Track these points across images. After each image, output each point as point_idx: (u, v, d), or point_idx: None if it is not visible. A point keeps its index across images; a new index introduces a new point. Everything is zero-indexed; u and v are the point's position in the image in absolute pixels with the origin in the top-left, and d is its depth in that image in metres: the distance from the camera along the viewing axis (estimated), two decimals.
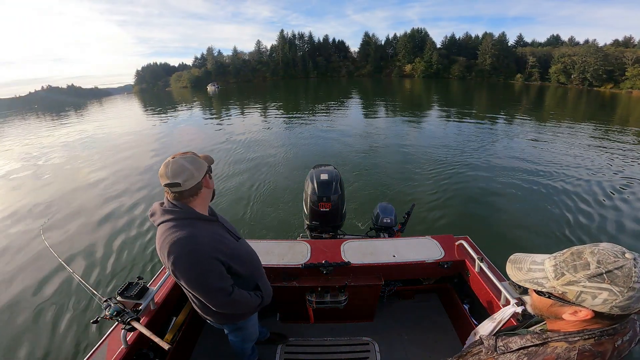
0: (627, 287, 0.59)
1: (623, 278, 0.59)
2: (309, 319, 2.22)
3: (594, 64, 45.51)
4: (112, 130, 16.30)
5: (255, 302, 1.34)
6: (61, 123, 22.37)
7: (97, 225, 5.15)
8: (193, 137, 13.02)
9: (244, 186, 6.34)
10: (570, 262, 0.66)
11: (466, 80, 59.55)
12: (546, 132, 11.93)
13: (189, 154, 1.14)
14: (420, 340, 2.12)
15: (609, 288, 0.61)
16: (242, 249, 1.32)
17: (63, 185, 7.32)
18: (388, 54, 77.79)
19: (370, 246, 2.12)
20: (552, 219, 4.92)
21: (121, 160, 9.28)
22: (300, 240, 2.27)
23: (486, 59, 60.70)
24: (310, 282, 1.97)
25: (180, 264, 1.05)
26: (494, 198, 5.79)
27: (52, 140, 14.39)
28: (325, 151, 9.12)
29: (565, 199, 5.59)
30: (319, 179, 2.59)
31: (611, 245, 0.64)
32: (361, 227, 4.50)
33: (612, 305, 0.61)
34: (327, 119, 15.74)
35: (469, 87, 40.82)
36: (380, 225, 2.83)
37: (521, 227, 4.72)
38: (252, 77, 79.66)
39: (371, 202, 5.12)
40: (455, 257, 2.01)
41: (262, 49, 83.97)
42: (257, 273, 1.42)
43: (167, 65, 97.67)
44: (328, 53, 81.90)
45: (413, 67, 70.14)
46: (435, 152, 8.66)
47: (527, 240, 4.39)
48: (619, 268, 0.60)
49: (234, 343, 1.72)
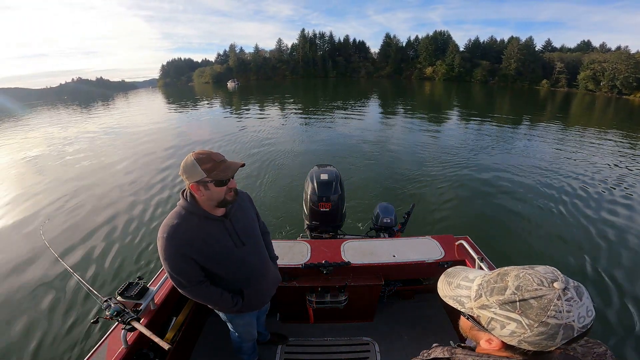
0: (537, 321, 0.51)
1: (537, 310, 0.51)
2: (309, 319, 2.22)
3: (624, 71, 43.59)
4: (131, 124, 16.73)
5: (225, 304, 1.35)
6: (88, 114, 24.03)
7: (98, 224, 5.13)
8: (200, 132, 13.23)
9: (244, 186, 6.36)
10: (492, 283, 0.58)
11: (489, 84, 58.31)
12: (565, 137, 11.52)
13: (201, 156, 1.12)
14: (420, 340, 2.12)
15: (518, 319, 0.53)
16: (235, 255, 1.31)
17: (65, 183, 7.30)
18: (409, 55, 77.04)
19: (370, 246, 2.12)
20: (554, 221, 4.89)
21: (131, 158, 9.25)
22: (300, 240, 2.27)
23: (511, 63, 58.90)
24: (310, 282, 1.97)
25: (158, 244, 1.19)
26: (494, 198, 5.79)
27: (64, 134, 14.64)
28: (327, 151, 9.11)
29: (573, 203, 5.50)
30: (319, 179, 2.59)
31: (546, 270, 0.55)
32: (361, 227, 4.50)
33: (520, 339, 0.54)
34: (339, 118, 15.64)
35: (491, 92, 39.74)
36: (380, 225, 2.83)
37: (522, 227, 4.72)
38: (273, 74, 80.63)
39: (371, 202, 5.13)
40: (455, 257, 2.01)
41: (283, 47, 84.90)
42: (247, 281, 1.40)
43: (191, 60, 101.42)
44: (348, 53, 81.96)
45: (434, 69, 69.06)
46: (437, 153, 8.67)
47: (527, 240, 4.39)
48: (537, 298, 0.52)
49: (233, 339, 1.74)
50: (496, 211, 5.30)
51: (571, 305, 0.50)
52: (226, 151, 9.46)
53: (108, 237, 4.71)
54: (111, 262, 4.09)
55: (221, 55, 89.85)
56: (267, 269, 1.51)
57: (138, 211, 5.53)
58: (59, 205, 6.07)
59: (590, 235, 4.48)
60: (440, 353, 0.69)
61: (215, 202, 1.19)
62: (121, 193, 6.48)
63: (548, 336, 0.51)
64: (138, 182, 7.08)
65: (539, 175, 6.90)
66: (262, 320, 1.93)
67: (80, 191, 6.78)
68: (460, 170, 7.19)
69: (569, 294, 0.51)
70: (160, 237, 1.17)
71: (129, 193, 6.44)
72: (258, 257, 1.43)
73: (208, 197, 1.17)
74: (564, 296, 0.51)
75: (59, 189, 7.02)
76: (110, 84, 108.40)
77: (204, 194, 1.16)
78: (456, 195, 5.86)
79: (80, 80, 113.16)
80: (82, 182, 7.42)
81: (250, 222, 1.40)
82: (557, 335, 0.51)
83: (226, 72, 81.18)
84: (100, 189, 6.81)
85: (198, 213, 1.19)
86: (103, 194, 6.54)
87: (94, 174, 7.96)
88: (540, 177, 6.73)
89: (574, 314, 0.50)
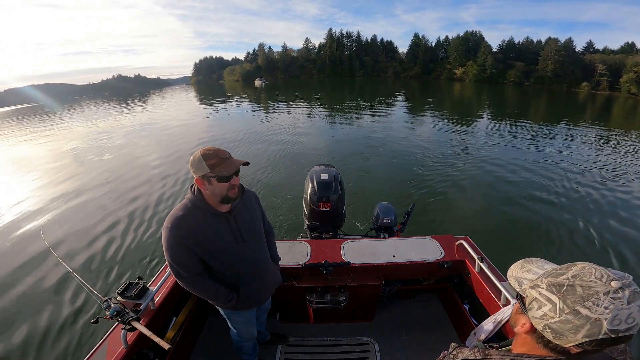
0: (571, 308, 0.49)
1: (578, 297, 0.49)
2: (309, 319, 2.22)
3: None
4: (158, 121, 17.61)
5: (220, 299, 1.38)
6: (126, 110, 26.34)
7: (98, 224, 5.14)
8: (214, 130, 13.60)
9: (246, 184, 6.29)
10: (558, 269, 0.56)
11: (523, 86, 55.64)
12: (600, 142, 10.75)
13: (207, 152, 1.18)
14: (420, 340, 2.11)
15: (555, 302, 0.51)
16: (235, 251, 1.33)
17: (66, 183, 7.31)
18: (438, 56, 75.50)
19: (370, 246, 2.12)
20: (558, 223, 4.81)
21: (143, 157, 9.28)
22: (300, 240, 2.27)
23: (548, 64, 55.95)
24: (310, 282, 1.97)
25: (162, 233, 1.25)
26: (494, 198, 5.79)
27: (80, 130, 15.45)
28: (327, 151, 9.11)
29: (581, 206, 5.38)
30: (319, 179, 2.59)
31: (618, 272, 0.51)
32: (361, 227, 4.50)
33: (546, 323, 0.52)
34: (352, 117, 15.55)
35: (525, 94, 37.82)
36: (380, 225, 2.82)
37: (522, 227, 4.72)
38: (300, 73, 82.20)
39: (371, 202, 5.13)
40: (455, 257, 2.01)
41: (311, 46, 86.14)
42: (245, 278, 1.42)
43: (222, 59, 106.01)
44: (375, 53, 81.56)
45: (464, 70, 67.07)
46: (438, 152, 8.66)
47: (527, 240, 4.39)
48: (586, 287, 0.49)
49: (233, 337, 1.76)
50: (497, 211, 5.29)
51: (614, 303, 0.47)
52: (228, 149, 9.46)
53: (108, 236, 4.71)
54: (111, 262, 4.09)
55: (250, 54, 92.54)
56: (267, 267, 1.52)
57: (138, 211, 5.54)
58: (59, 205, 6.08)
59: (593, 247, 4.26)
60: (470, 354, 0.67)
61: (218, 198, 1.23)
62: (121, 193, 6.48)
63: (573, 327, 0.49)
64: (140, 182, 7.09)
65: (543, 175, 6.85)
66: (263, 320, 1.93)
67: (80, 190, 6.78)
68: (461, 170, 7.18)
69: (620, 294, 0.47)
70: (165, 227, 1.22)
71: (129, 193, 6.44)
72: (258, 255, 1.45)
73: (211, 192, 1.21)
74: (612, 293, 0.47)
75: (60, 188, 7.02)
76: (147, 81, 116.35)
77: (208, 189, 1.21)
78: (456, 195, 5.86)
79: (120, 77, 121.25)
80: (83, 181, 7.42)
81: (254, 220, 1.42)
82: (581, 330, 0.48)
83: (255, 71, 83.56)
84: (101, 189, 6.82)
85: (203, 207, 1.24)
86: (103, 193, 6.55)
87: (101, 173, 7.98)
88: (548, 178, 6.63)
89: (610, 313, 0.46)
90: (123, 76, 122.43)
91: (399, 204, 4.93)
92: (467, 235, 2.13)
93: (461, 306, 2.06)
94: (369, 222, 3.16)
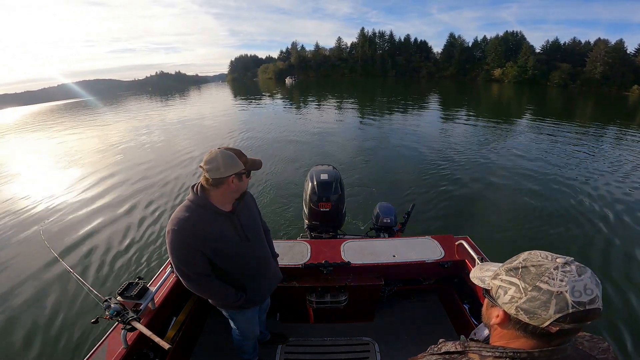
0: (532, 285, 0.53)
1: (533, 275, 0.54)
2: (309, 319, 2.22)
3: None
4: (184, 119, 17.73)
5: (228, 299, 1.38)
6: (167, 105, 28.44)
7: (98, 224, 5.14)
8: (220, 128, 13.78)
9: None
10: (510, 260, 0.61)
11: (568, 88, 52.63)
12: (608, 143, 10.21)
13: (232, 151, 1.20)
14: (420, 340, 2.11)
15: (517, 283, 0.56)
16: (240, 249, 1.34)
17: (68, 181, 7.31)
18: (475, 56, 72.85)
19: (370, 246, 2.12)
20: (559, 223, 4.78)
21: (148, 157, 9.27)
22: (300, 240, 2.27)
23: (596, 66, 52.94)
24: (310, 282, 1.97)
25: (166, 236, 1.22)
26: (495, 198, 5.78)
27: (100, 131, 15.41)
28: (327, 151, 9.10)
29: (584, 207, 5.24)
30: (319, 179, 2.59)
31: (560, 255, 0.57)
32: (361, 227, 4.50)
33: (517, 305, 0.56)
34: (365, 118, 15.51)
35: (570, 96, 35.81)
36: (380, 225, 2.83)
37: (522, 227, 4.71)
38: (331, 72, 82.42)
39: (371, 202, 5.12)
40: (455, 257, 2.01)
41: (343, 45, 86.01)
42: (250, 276, 1.43)
43: (256, 57, 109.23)
44: (409, 53, 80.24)
45: (503, 71, 64.09)
46: (439, 152, 8.64)
47: (527, 240, 4.38)
48: (537, 266, 0.55)
49: (235, 337, 1.76)
50: (497, 211, 5.28)
51: (566, 276, 0.52)
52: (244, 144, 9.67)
53: (109, 236, 4.71)
54: (111, 262, 4.09)
55: (284, 53, 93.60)
56: (269, 265, 1.55)
57: (139, 211, 5.53)
58: (59, 204, 6.07)
59: (592, 245, 4.21)
60: (451, 347, 0.70)
61: (238, 194, 1.28)
62: (122, 193, 6.48)
63: (541, 303, 0.52)
64: (141, 182, 7.07)
65: (547, 176, 6.81)
66: (263, 320, 1.93)
67: (81, 190, 6.78)
68: (462, 170, 7.17)
69: (568, 268, 0.53)
70: (168, 230, 1.19)
71: (130, 193, 6.43)
72: (261, 253, 1.47)
73: (236, 189, 1.24)
74: (561, 268, 0.53)
75: (60, 188, 7.01)
76: (186, 78, 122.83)
77: (237, 186, 1.23)
78: (457, 195, 5.85)
79: (162, 73, 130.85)
80: (83, 181, 7.42)
81: (254, 218, 1.45)
82: (550, 305, 0.52)
83: (288, 69, 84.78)
84: (101, 188, 6.81)
85: (207, 207, 1.23)
86: (104, 193, 6.55)
87: (104, 172, 7.98)
88: (556, 182, 6.49)
89: (567, 285, 0.51)
90: (165, 73, 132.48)
91: (399, 204, 4.93)
92: (467, 235, 2.13)
93: (461, 306, 2.06)
94: (369, 222, 3.16)
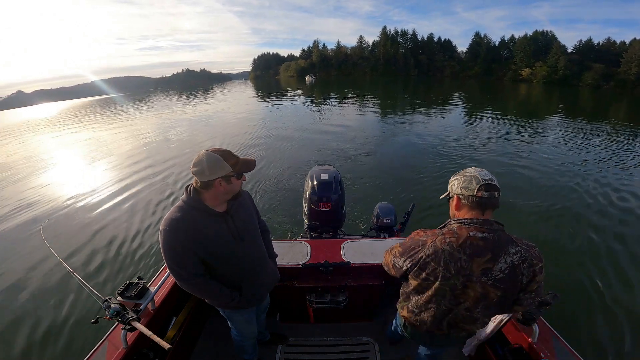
0: (462, 175, 1.13)
1: (463, 173, 1.14)
2: (309, 319, 2.22)
3: None
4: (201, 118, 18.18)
5: (223, 299, 1.38)
6: (191, 101, 30.29)
7: (98, 224, 5.14)
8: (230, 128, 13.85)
9: (245, 185, 6.29)
10: None
11: (601, 89, 49.90)
12: None
13: (220, 153, 1.18)
14: None
15: (457, 178, 1.15)
16: (234, 249, 1.33)
17: (70, 181, 7.32)
18: (502, 55, 70.57)
19: (370, 246, 2.12)
20: (559, 223, 4.75)
21: (148, 156, 9.28)
22: (300, 240, 2.27)
23: (631, 67, 50.82)
24: (310, 282, 1.97)
25: (159, 237, 1.23)
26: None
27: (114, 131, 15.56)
28: (327, 150, 9.09)
29: (586, 205, 5.24)
30: (319, 179, 2.59)
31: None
32: (361, 227, 4.49)
33: (460, 187, 1.11)
34: (368, 117, 15.46)
35: (602, 97, 33.88)
36: (380, 225, 2.83)
37: (523, 228, 4.70)
38: (353, 71, 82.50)
39: (371, 202, 5.11)
40: None
41: (364, 44, 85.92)
42: (245, 276, 1.42)
43: (278, 55, 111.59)
44: (432, 52, 78.87)
45: (532, 71, 60.39)
46: (439, 152, 8.61)
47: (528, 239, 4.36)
48: (465, 171, 1.14)
49: (234, 337, 1.76)
50: (497, 211, 5.23)
51: (476, 170, 1.12)
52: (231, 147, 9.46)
53: (109, 236, 4.71)
54: (111, 262, 4.09)
55: (305, 51, 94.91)
56: (265, 265, 1.53)
57: (139, 211, 5.53)
58: (59, 204, 6.08)
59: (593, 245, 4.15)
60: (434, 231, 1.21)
61: (229, 195, 1.28)
62: (122, 193, 6.48)
63: (468, 181, 1.09)
64: (141, 182, 7.08)
65: (547, 173, 6.81)
66: (262, 320, 1.93)
67: (81, 190, 6.78)
68: (462, 170, 7.12)
69: (477, 168, 1.14)
70: (162, 230, 1.20)
71: (130, 193, 6.44)
72: (256, 253, 1.46)
73: (226, 191, 1.23)
74: (474, 168, 1.14)
75: (60, 187, 7.02)
76: (210, 75, 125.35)
77: (225, 188, 1.22)
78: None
79: (188, 71, 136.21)
80: (86, 179, 7.43)
81: (249, 218, 1.43)
82: (474, 181, 1.08)
83: (309, 67, 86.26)
84: (101, 188, 6.81)
85: (200, 208, 1.23)
86: (106, 192, 6.55)
87: (105, 172, 8.01)
88: (557, 183, 6.49)
89: (477, 172, 1.10)
90: (190, 70, 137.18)
91: (399, 204, 4.92)
92: None
93: None
94: (369, 222, 3.15)
